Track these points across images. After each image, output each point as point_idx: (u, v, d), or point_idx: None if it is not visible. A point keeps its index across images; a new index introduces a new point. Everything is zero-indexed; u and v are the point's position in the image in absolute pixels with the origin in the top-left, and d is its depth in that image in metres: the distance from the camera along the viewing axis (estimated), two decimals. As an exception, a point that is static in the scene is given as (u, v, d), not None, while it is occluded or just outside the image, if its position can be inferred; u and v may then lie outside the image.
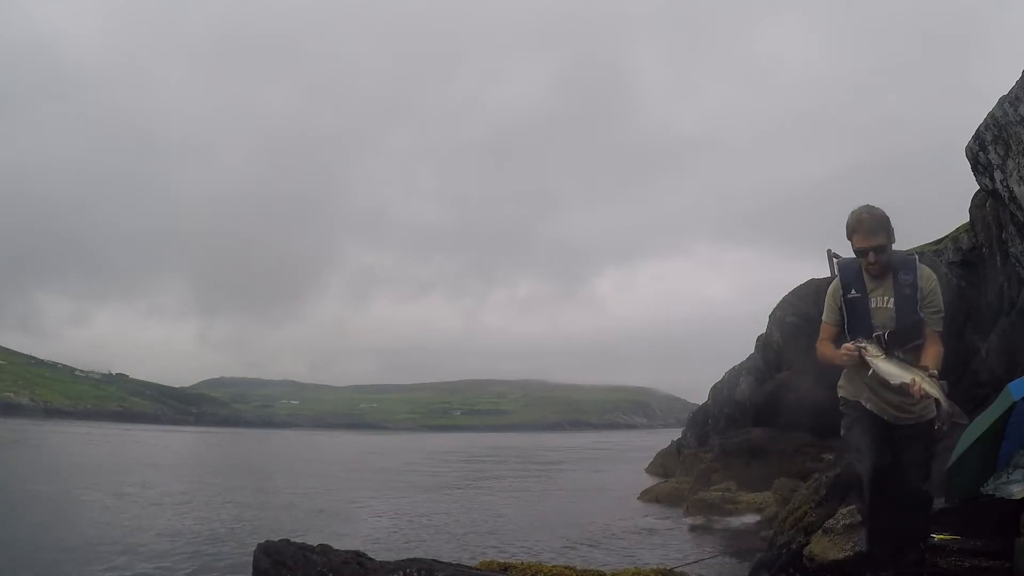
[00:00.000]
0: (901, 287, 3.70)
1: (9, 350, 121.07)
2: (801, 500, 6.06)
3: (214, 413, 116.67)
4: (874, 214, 3.69)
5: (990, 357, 5.83)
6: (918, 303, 3.67)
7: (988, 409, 2.88)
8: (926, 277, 3.72)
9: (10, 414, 72.25)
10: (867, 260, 3.68)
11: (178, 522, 9.01)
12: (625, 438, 59.46)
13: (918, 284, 3.69)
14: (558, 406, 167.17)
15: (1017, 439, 2.79)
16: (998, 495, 2.73)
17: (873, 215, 3.69)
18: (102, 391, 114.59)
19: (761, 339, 13.54)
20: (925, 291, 3.69)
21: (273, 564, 2.65)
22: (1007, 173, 5.08)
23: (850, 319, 3.82)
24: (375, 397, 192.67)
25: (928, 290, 3.70)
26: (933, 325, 3.70)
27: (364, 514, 10.49)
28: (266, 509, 10.72)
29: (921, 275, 3.70)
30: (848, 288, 3.81)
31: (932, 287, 3.71)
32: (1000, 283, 6.39)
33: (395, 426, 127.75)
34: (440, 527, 9.17)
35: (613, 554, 7.08)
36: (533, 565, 3.39)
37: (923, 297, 3.67)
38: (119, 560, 6.59)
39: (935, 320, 3.72)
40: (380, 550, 6.44)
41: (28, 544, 7.24)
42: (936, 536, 2.67)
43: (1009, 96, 5.06)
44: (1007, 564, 2.44)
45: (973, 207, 7.19)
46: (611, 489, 14.59)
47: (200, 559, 6.77)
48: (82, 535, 7.82)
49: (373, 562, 2.70)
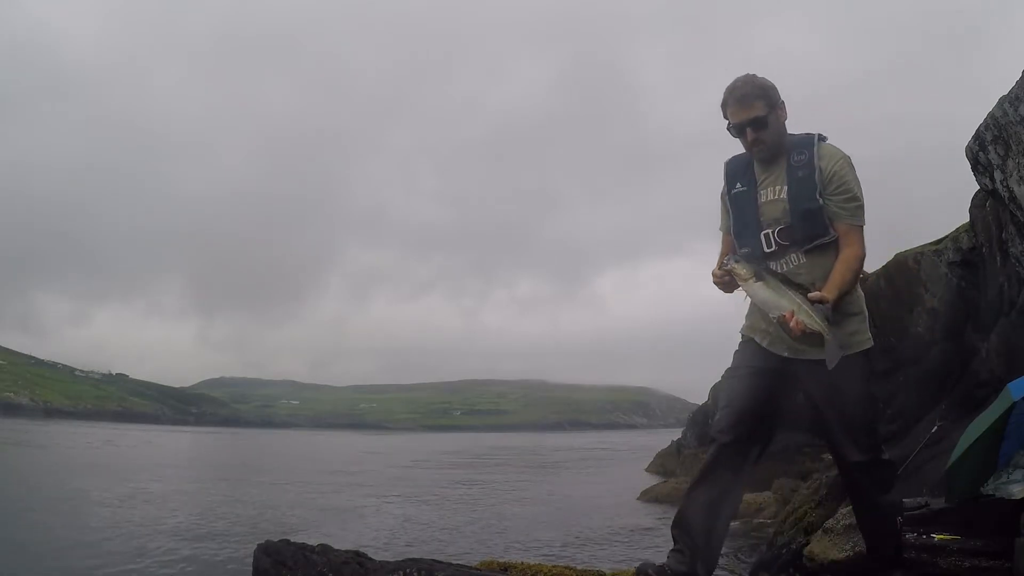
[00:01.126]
0: (793, 170, 2.99)
1: (9, 350, 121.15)
2: (801, 500, 6.06)
3: (214, 413, 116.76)
4: (750, 80, 3.02)
5: (990, 357, 5.83)
6: (816, 186, 2.93)
7: (988, 409, 2.88)
8: (828, 155, 2.96)
9: (10, 414, 72.25)
10: (746, 140, 3.00)
11: (178, 521, 9.01)
12: (625, 438, 59.42)
13: (815, 164, 2.94)
14: (558, 406, 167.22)
15: (1017, 439, 2.79)
16: (998, 495, 2.73)
17: (748, 81, 3.01)
18: (102, 391, 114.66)
19: (761, 339, 13.50)
20: (826, 171, 2.93)
21: (273, 564, 2.65)
22: (1007, 173, 5.08)
23: (735, 219, 3.16)
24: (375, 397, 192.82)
25: (831, 170, 2.93)
26: (847, 217, 2.90)
27: (364, 514, 10.49)
28: (266, 509, 10.72)
29: (821, 152, 2.96)
30: (733, 182, 3.16)
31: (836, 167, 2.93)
32: (1000, 283, 6.39)
33: (395, 426, 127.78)
34: (440, 527, 9.17)
35: (613, 554, 7.08)
36: (533, 565, 3.39)
37: (824, 179, 2.92)
38: (119, 559, 6.59)
39: (848, 210, 2.91)
40: (380, 550, 6.44)
41: (29, 544, 7.24)
42: (936, 536, 2.67)
43: (1009, 96, 5.06)
44: (1007, 564, 2.44)
45: (973, 207, 7.20)
46: (611, 489, 14.59)
47: (200, 559, 6.77)
48: (82, 534, 7.82)
49: (373, 562, 2.70)
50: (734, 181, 3.16)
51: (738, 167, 3.18)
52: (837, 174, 2.91)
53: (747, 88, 2.98)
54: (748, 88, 2.98)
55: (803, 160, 2.99)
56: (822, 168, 2.93)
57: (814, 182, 2.93)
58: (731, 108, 3.03)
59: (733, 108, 3.02)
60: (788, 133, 3.06)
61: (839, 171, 2.92)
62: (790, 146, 3.03)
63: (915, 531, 2.71)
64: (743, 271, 2.91)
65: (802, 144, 3.02)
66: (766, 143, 3.01)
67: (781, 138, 3.03)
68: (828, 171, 2.92)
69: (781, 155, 3.02)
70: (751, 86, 2.99)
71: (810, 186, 2.93)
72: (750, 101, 2.97)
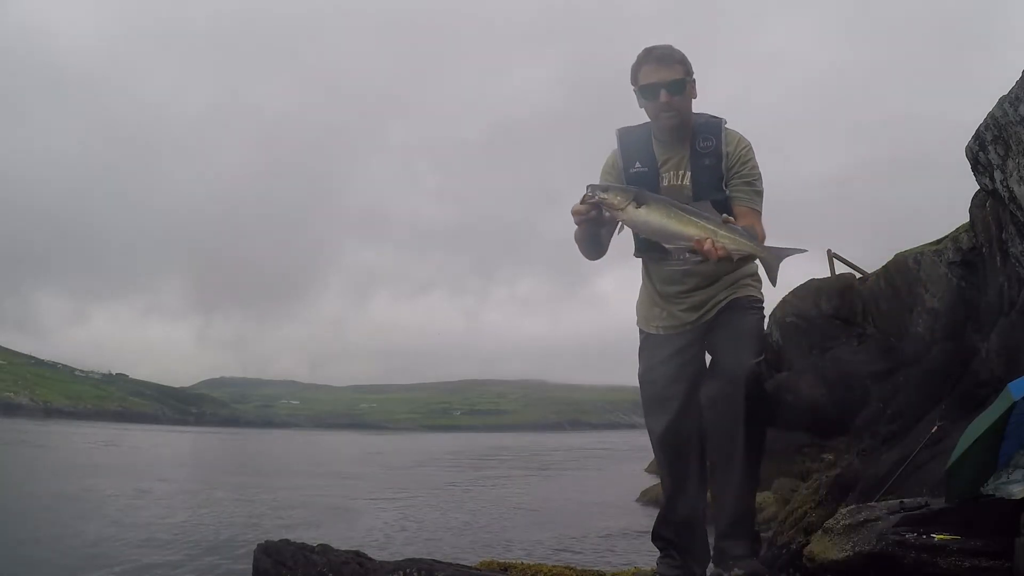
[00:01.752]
0: (699, 157, 2.83)
1: (9, 350, 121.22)
2: (801, 500, 6.06)
3: (214, 413, 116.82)
4: (670, 46, 2.84)
5: (990, 357, 5.83)
6: (723, 176, 2.80)
7: (988, 409, 2.88)
8: (734, 141, 2.85)
9: (10, 414, 72.25)
10: (658, 105, 2.77)
11: (179, 521, 9.02)
12: (625, 438, 59.44)
13: (722, 151, 2.81)
14: (558, 406, 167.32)
15: (1017, 439, 2.79)
16: (998, 495, 2.73)
17: (669, 46, 2.83)
18: (102, 391, 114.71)
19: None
20: (732, 158, 2.81)
21: (273, 564, 2.65)
22: (1007, 173, 5.09)
23: None
24: (375, 397, 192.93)
25: (736, 157, 2.82)
26: (748, 202, 2.78)
27: (364, 514, 10.49)
28: (266, 509, 10.73)
29: (728, 139, 2.84)
30: (631, 159, 2.91)
31: (742, 153, 2.83)
32: (1000, 283, 6.39)
33: (395, 426, 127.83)
34: (440, 527, 9.17)
35: (613, 554, 7.08)
36: (533, 565, 3.39)
37: (729, 167, 2.80)
38: (119, 558, 6.60)
39: (750, 195, 2.80)
40: (380, 550, 6.44)
41: (34, 543, 7.24)
42: (936, 536, 2.67)
43: (1009, 96, 5.06)
44: (1007, 564, 2.44)
45: (973, 207, 7.20)
46: (611, 489, 14.59)
47: (200, 558, 6.78)
48: (85, 533, 7.83)
49: (373, 562, 2.70)
50: (632, 159, 2.91)
51: (635, 142, 2.93)
52: (742, 160, 2.81)
53: (668, 50, 2.80)
54: (669, 50, 2.80)
55: (710, 147, 2.82)
56: (728, 154, 2.81)
57: (720, 171, 2.79)
58: (648, 67, 2.79)
59: (651, 67, 2.78)
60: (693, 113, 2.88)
61: (743, 157, 2.81)
62: (696, 128, 2.85)
63: (915, 531, 2.71)
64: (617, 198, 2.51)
65: (709, 128, 2.86)
66: (678, 110, 2.79)
67: (689, 114, 2.84)
68: (735, 155, 2.81)
69: (685, 136, 2.84)
70: (672, 49, 2.81)
71: (716, 175, 2.79)
72: (671, 62, 2.77)
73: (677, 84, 2.76)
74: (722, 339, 2.85)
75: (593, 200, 2.54)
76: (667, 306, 2.96)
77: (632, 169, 2.89)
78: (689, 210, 2.51)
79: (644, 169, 2.88)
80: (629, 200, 2.48)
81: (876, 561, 2.73)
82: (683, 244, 2.49)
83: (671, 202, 2.55)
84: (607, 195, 2.52)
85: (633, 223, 2.55)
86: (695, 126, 2.86)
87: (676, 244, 2.52)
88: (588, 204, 2.56)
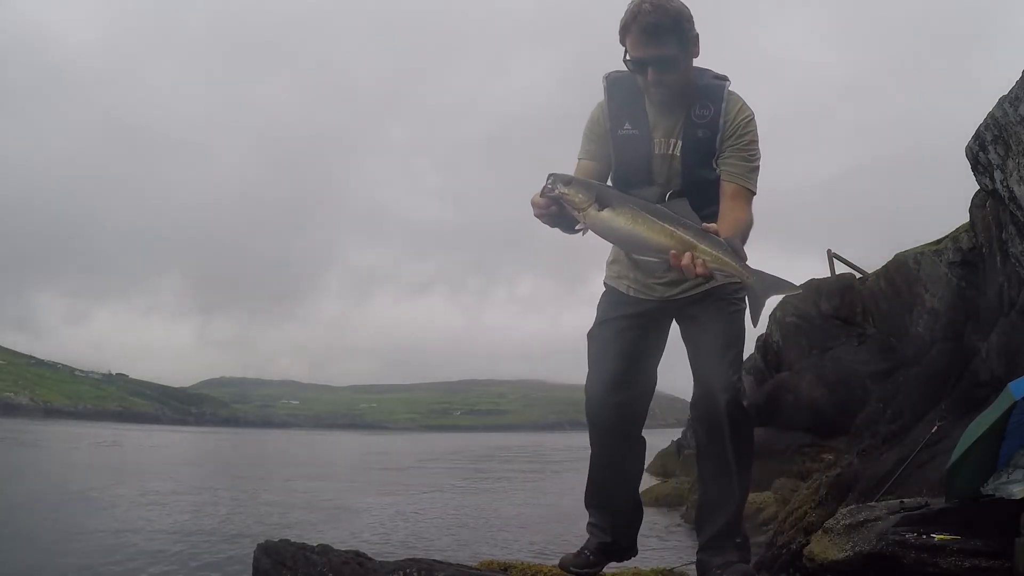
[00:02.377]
0: (693, 127, 2.47)
1: (9, 350, 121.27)
2: (801, 500, 6.06)
3: (214, 413, 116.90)
4: (662, 6, 2.34)
5: (990, 357, 5.83)
6: (716, 151, 2.46)
7: (988, 409, 2.88)
8: (735, 109, 2.48)
9: (10, 414, 72.25)
10: (645, 80, 2.41)
11: (179, 520, 9.01)
12: (625, 438, 59.29)
13: (719, 122, 2.46)
14: (558, 406, 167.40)
15: (1017, 439, 2.79)
16: (998, 495, 2.73)
17: (660, 6, 2.34)
18: (102, 391, 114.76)
19: (761, 339, 13.57)
20: (729, 130, 2.46)
21: (273, 564, 2.65)
22: (1007, 173, 5.08)
23: (619, 166, 2.57)
24: (375, 397, 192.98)
25: (734, 129, 2.46)
26: (741, 180, 2.44)
27: (364, 514, 10.49)
28: (266, 508, 10.73)
29: (728, 107, 2.47)
30: (620, 118, 2.54)
31: (741, 123, 2.46)
32: (1000, 283, 6.39)
33: (395, 426, 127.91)
34: (440, 527, 9.17)
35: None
36: (533, 565, 3.39)
37: (725, 139, 2.46)
38: (119, 558, 6.59)
39: (745, 172, 2.45)
40: (380, 550, 6.44)
41: (30, 543, 7.24)
42: (936, 536, 2.67)
43: (1009, 96, 5.06)
44: (1007, 564, 2.44)
45: (973, 207, 7.20)
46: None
47: (200, 558, 6.77)
48: (87, 532, 7.82)
49: (373, 562, 2.70)
50: (620, 117, 2.54)
51: (626, 97, 2.55)
52: (740, 131, 2.46)
53: (659, 16, 2.33)
54: (661, 16, 2.34)
55: (706, 117, 2.47)
56: (724, 125, 2.45)
57: (714, 146, 2.46)
58: (635, 38, 2.38)
59: (637, 38, 2.37)
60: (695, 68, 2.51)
61: (743, 128, 2.47)
62: (694, 92, 2.48)
63: (915, 531, 2.71)
64: (578, 196, 2.13)
65: (709, 93, 2.49)
66: (669, 88, 2.43)
67: (687, 81, 2.47)
68: (732, 126, 2.46)
69: (683, 100, 2.48)
70: (665, 14, 2.34)
71: (709, 149, 2.46)
72: (661, 35, 2.34)
73: (668, 61, 2.37)
74: (707, 345, 2.62)
75: (553, 193, 2.19)
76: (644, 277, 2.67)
77: (620, 130, 2.54)
78: (663, 214, 2.13)
79: (635, 132, 2.52)
80: (591, 200, 2.12)
81: (876, 561, 2.73)
82: (653, 256, 2.13)
83: (641, 204, 2.16)
84: (568, 190, 2.16)
85: (594, 227, 2.17)
86: (696, 88, 2.49)
87: (645, 256, 2.16)
88: (548, 197, 2.22)
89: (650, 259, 2.15)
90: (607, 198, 2.14)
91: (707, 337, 2.61)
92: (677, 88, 2.45)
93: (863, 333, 11.01)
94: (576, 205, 2.14)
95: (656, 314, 2.71)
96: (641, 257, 2.22)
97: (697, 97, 2.49)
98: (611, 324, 2.73)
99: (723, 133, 2.47)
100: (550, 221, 2.29)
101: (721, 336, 2.59)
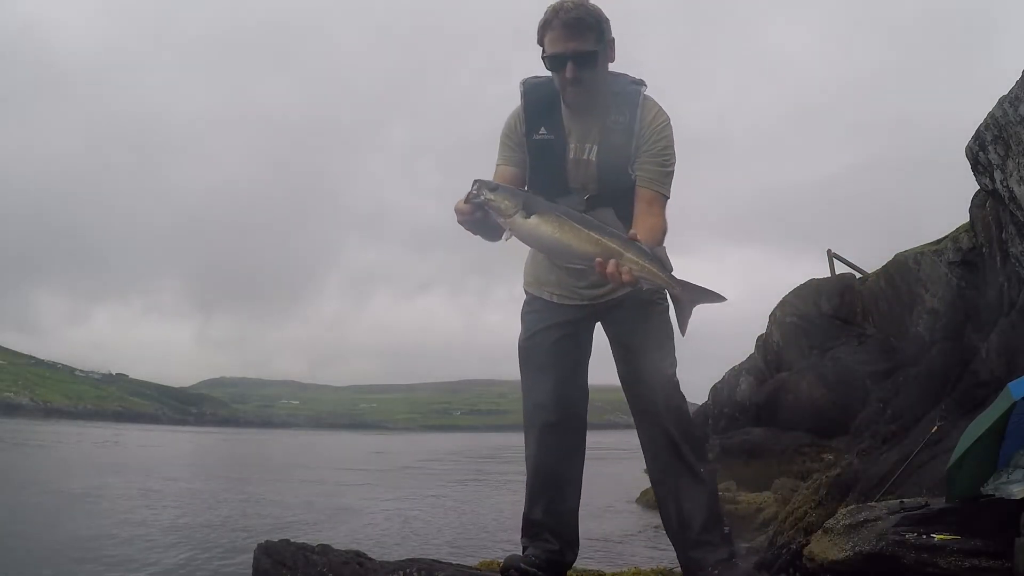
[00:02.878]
0: (609, 133, 2.46)
1: (9, 350, 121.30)
2: (801, 500, 6.07)
3: (214, 413, 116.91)
4: (583, 4, 2.38)
5: (990, 357, 5.84)
6: (631, 157, 2.45)
7: (988, 409, 2.88)
8: (650, 115, 2.46)
9: (10, 414, 72.26)
10: (563, 77, 2.39)
11: (179, 520, 9.01)
12: (624, 438, 59.39)
13: (633, 127, 2.44)
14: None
15: (1017, 439, 2.79)
16: (998, 495, 2.73)
17: (581, 4, 2.38)
18: (102, 391, 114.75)
19: (761, 339, 13.57)
20: (643, 136, 2.45)
21: (273, 564, 2.65)
22: (1007, 173, 5.09)
23: (534, 171, 2.56)
24: (375, 397, 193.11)
25: (649, 135, 2.45)
26: (657, 185, 2.42)
27: (364, 514, 10.49)
28: (266, 509, 10.73)
29: (644, 113, 2.46)
30: (536, 123, 2.52)
31: (656, 129, 2.45)
32: (1000, 283, 6.39)
33: (395, 426, 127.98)
34: (440, 527, 9.17)
35: (612, 554, 7.08)
36: (533, 565, 3.37)
37: (639, 142, 2.45)
38: (119, 557, 6.59)
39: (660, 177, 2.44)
40: (380, 550, 6.44)
41: (30, 543, 7.24)
42: (936, 536, 2.67)
43: (1009, 96, 5.07)
44: (1007, 564, 2.44)
45: (973, 207, 7.21)
46: (609, 490, 14.57)
47: (200, 558, 6.77)
48: (88, 532, 7.82)
49: (373, 562, 2.70)
50: (536, 121, 2.52)
51: (542, 102, 2.53)
52: (655, 136, 2.45)
53: (580, 12, 2.35)
54: (581, 12, 2.36)
55: (622, 123, 2.45)
56: (640, 131, 2.44)
57: (629, 152, 2.45)
58: (554, 33, 2.37)
59: (557, 33, 2.36)
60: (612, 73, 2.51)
61: (658, 133, 2.45)
62: (610, 98, 2.47)
63: (915, 531, 2.71)
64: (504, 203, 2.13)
65: (625, 100, 2.48)
66: (586, 88, 2.42)
67: (602, 85, 2.46)
68: (647, 132, 2.45)
69: (597, 105, 2.47)
70: (587, 12, 2.37)
71: (624, 155, 2.45)
72: (581, 30, 2.35)
73: (587, 57, 2.37)
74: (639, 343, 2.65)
75: (479, 200, 2.16)
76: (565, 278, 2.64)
77: (536, 135, 2.52)
78: (589, 222, 2.13)
79: (550, 137, 2.51)
80: (517, 207, 2.11)
81: (876, 561, 2.73)
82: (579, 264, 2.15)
83: (567, 212, 2.15)
84: (494, 196, 2.14)
85: (520, 234, 2.16)
86: (611, 93, 2.48)
87: (571, 264, 2.19)
88: (473, 203, 2.19)
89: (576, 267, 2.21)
90: (533, 205, 2.14)
91: (638, 339, 2.65)
92: (594, 90, 2.44)
93: (863, 333, 11.02)
94: (502, 212, 2.13)
95: (584, 320, 2.74)
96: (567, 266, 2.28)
97: (613, 103, 2.49)
98: (544, 335, 2.76)
99: (638, 139, 2.46)
100: (473, 228, 2.28)
101: (652, 335, 2.64)
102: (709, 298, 2.19)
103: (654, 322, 2.64)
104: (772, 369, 12.58)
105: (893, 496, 3.94)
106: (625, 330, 2.70)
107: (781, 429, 10.24)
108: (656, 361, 2.63)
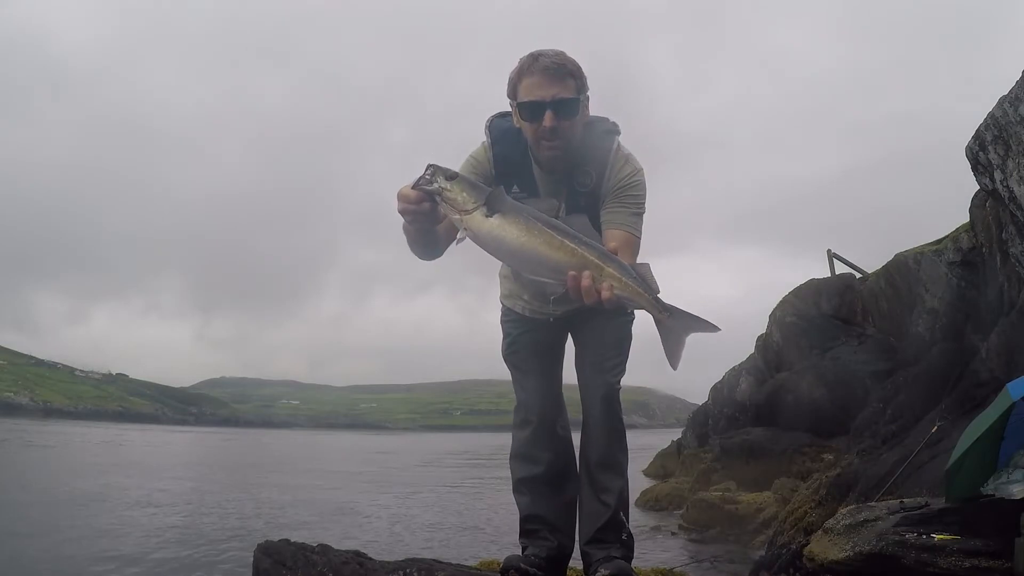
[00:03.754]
0: (575, 195, 2.34)
1: (9, 350, 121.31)
2: (801, 500, 6.07)
3: (214, 413, 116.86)
4: (563, 53, 2.24)
5: (990, 357, 5.84)
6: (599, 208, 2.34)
7: (988, 409, 2.89)
8: (619, 168, 2.34)
9: (10, 414, 72.26)
10: (540, 129, 2.20)
11: (180, 520, 9.01)
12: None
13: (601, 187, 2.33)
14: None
15: (1017, 439, 2.79)
16: (998, 495, 2.73)
17: (560, 53, 2.23)
18: (102, 391, 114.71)
19: (761, 339, 13.57)
20: (613, 186, 2.32)
21: (273, 564, 2.65)
22: (1007, 173, 5.09)
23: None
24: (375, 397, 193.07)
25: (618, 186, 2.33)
26: (630, 228, 2.28)
27: (364, 514, 10.49)
28: (266, 509, 10.73)
29: (613, 169, 2.33)
30: (508, 179, 2.33)
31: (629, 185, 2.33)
32: (1000, 283, 6.39)
33: (395, 426, 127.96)
34: (440, 527, 9.17)
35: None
36: (533, 565, 3.37)
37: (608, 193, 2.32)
38: (120, 556, 6.59)
39: (625, 218, 2.29)
40: (380, 550, 6.44)
41: (30, 544, 7.24)
42: (936, 536, 2.67)
43: (1009, 96, 5.07)
44: (1007, 564, 2.44)
45: (973, 207, 7.21)
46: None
47: (200, 558, 6.77)
48: (82, 533, 7.82)
49: (373, 562, 2.70)
50: (509, 176, 2.35)
51: (512, 153, 2.36)
52: (627, 187, 2.34)
53: (561, 58, 2.21)
54: (563, 59, 2.21)
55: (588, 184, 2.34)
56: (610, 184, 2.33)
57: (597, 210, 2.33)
58: (532, 79, 2.19)
59: (537, 79, 2.18)
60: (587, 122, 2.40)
61: (629, 181, 2.35)
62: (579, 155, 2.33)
63: (915, 531, 2.71)
64: (462, 195, 1.74)
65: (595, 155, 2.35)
66: (562, 140, 2.23)
67: (575, 140, 2.29)
68: (617, 183, 2.33)
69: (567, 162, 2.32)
70: (566, 58, 2.22)
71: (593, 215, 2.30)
72: (562, 76, 2.18)
73: (568, 105, 2.19)
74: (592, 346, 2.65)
75: (431, 187, 1.79)
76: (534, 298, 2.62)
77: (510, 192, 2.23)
78: (562, 229, 1.83)
79: (524, 195, 2.31)
80: (478, 203, 1.74)
81: (876, 561, 2.73)
82: (548, 277, 1.77)
83: (535, 214, 1.84)
84: (451, 186, 1.77)
85: (478, 236, 1.77)
86: (584, 148, 2.33)
87: (538, 276, 1.79)
88: (422, 190, 1.82)
89: (544, 280, 1.80)
90: (498, 203, 1.78)
91: (594, 339, 2.64)
92: (568, 145, 2.28)
93: (863, 333, 11.02)
94: (458, 206, 1.77)
95: (551, 330, 2.76)
96: (533, 277, 1.85)
97: (583, 159, 2.34)
98: (522, 340, 2.82)
99: (605, 190, 2.36)
100: (416, 223, 1.97)
101: (609, 335, 2.62)
102: (703, 327, 1.94)
103: (615, 324, 2.62)
104: (772, 369, 12.59)
105: (893, 496, 3.94)
106: (586, 331, 2.70)
107: (781, 429, 10.24)
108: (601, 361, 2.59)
